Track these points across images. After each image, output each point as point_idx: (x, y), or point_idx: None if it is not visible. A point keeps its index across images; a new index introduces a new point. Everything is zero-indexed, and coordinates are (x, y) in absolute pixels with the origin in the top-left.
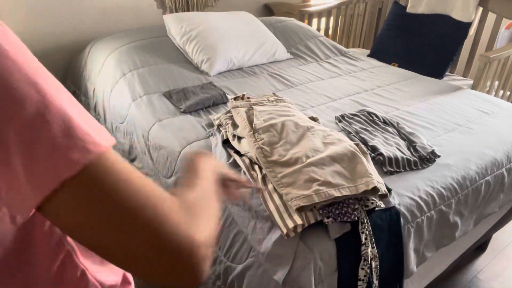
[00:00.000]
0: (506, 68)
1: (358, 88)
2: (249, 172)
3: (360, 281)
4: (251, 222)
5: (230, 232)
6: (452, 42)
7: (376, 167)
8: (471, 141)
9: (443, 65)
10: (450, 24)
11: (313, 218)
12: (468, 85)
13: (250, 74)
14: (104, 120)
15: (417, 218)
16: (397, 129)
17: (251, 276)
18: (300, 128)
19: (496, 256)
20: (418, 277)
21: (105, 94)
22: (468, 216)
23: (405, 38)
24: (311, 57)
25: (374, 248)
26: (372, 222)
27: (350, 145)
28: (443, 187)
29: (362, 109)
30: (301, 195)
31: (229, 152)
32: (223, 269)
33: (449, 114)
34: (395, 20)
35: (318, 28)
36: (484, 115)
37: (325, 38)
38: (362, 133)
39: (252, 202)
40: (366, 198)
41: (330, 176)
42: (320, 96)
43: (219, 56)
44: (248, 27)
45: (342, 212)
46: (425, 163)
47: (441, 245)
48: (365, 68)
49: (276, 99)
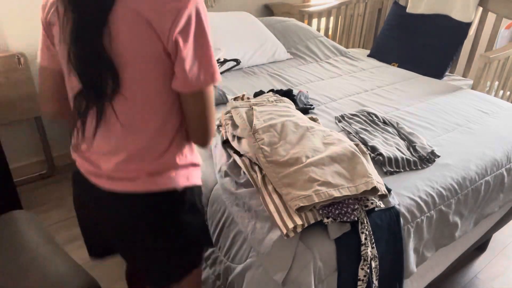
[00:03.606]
0: (506, 68)
1: (358, 88)
2: (249, 172)
3: (360, 281)
4: (251, 222)
5: (230, 232)
6: (452, 42)
7: (376, 167)
8: (471, 141)
9: (443, 65)
10: (450, 24)
11: (312, 218)
12: (468, 85)
13: (250, 74)
14: None
15: (417, 218)
16: (396, 129)
17: (251, 276)
18: (300, 129)
19: (496, 256)
20: (418, 277)
21: None
22: (468, 216)
23: (405, 38)
24: (311, 57)
25: (374, 248)
26: (372, 222)
27: (350, 145)
28: (443, 187)
29: (362, 109)
30: (301, 195)
31: (229, 152)
32: (223, 269)
33: (449, 114)
34: (395, 20)
35: (318, 28)
36: (484, 115)
37: (325, 38)
38: (362, 133)
39: (252, 202)
40: (366, 198)
41: (330, 176)
42: (320, 96)
43: (219, 56)
44: (248, 28)
45: (341, 212)
46: (425, 163)
47: (441, 245)
48: (365, 68)
49: (276, 99)
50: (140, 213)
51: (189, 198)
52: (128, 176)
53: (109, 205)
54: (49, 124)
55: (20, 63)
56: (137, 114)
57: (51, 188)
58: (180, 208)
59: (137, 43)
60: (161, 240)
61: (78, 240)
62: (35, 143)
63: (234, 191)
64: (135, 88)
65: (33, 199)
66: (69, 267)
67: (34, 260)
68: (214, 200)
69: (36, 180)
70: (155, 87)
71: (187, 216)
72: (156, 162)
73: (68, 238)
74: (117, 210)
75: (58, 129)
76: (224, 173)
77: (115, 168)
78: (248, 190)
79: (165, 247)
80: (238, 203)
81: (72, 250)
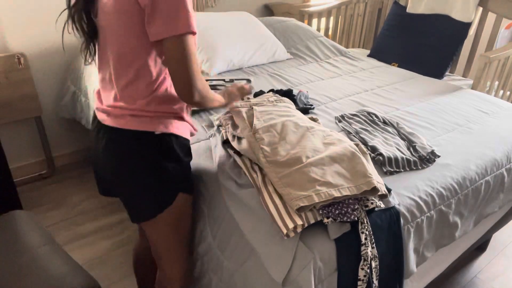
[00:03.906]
0: (506, 68)
1: (358, 88)
2: (249, 172)
3: (360, 281)
4: (251, 222)
5: (230, 232)
6: (452, 42)
7: (376, 167)
8: (471, 141)
9: (443, 65)
10: (450, 24)
11: (313, 218)
12: (468, 85)
13: (250, 74)
14: None
15: (417, 218)
16: (397, 129)
17: (251, 276)
18: (300, 128)
19: (496, 256)
20: (418, 277)
21: None
22: (468, 216)
23: (405, 38)
24: (311, 57)
25: (374, 248)
26: (372, 222)
27: (350, 145)
28: (443, 187)
29: (362, 109)
30: (301, 196)
31: (229, 152)
32: (222, 269)
33: (449, 114)
34: (395, 20)
35: (318, 28)
36: (484, 115)
37: (325, 38)
38: (362, 133)
39: (252, 202)
40: (366, 198)
41: (330, 176)
42: (320, 96)
43: (219, 56)
44: (248, 28)
45: (342, 212)
46: (425, 163)
47: (441, 245)
48: (365, 68)
49: (276, 99)
50: (122, 146)
51: (166, 143)
52: (117, 114)
53: (102, 136)
54: (49, 124)
55: (20, 63)
56: (118, 59)
57: (51, 188)
58: (155, 150)
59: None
60: (136, 176)
61: (78, 240)
62: (35, 143)
63: (234, 191)
64: (113, 38)
65: (33, 199)
66: (69, 267)
67: (34, 260)
68: (214, 199)
69: (36, 180)
70: (128, 36)
71: (162, 159)
72: (135, 105)
73: (68, 238)
74: (107, 142)
75: (58, 129)
76: (224, 173)
77: (111, 104)
78: (248, 190)
79: (138, 183)
80: (238, 203)
81: (72, 250)
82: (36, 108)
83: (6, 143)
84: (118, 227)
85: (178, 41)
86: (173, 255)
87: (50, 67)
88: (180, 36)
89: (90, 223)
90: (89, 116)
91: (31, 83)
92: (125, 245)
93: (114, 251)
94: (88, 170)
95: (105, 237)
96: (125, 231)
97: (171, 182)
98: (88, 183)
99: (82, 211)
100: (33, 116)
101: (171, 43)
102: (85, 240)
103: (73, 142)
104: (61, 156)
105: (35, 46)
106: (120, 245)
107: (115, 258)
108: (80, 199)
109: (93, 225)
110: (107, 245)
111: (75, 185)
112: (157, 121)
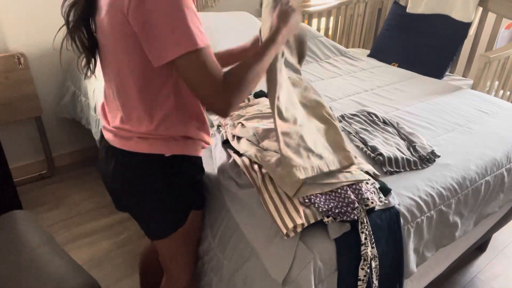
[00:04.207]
0: (506, 68)
1: (358, 88)
2: (249, 172)
3: (360, 281)
4: (251, 222)
5: (230, 232)
6: (452, 42)
7: (376, 167)
8: (471, 141)
9: (443, 65)
10: (450, 24)
11: (313, 218)
12: (468, 85)
13: None
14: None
15: (417, 218)
16: (397, 129)
17: (251, 276)
18: None
19: (496, 256)
20: (418, 277)
21: None
22: (468, 216)
23: (405, 38)
24: (311, 57)
25: (374, 248)
26: (372, 222)
27: (326, 112)
28: (443, 187)
29: (362, 109)
30: (298, 165)
31: (229, 152)
32: (222, 268)
33: (449, 114)
34: (395, 20)
35: (318, 28)
36: (484, 115)
37: (325, 38)
38: (362, 133)
39: (252, 202)
40: (366, 198)
41: (316, 146)
42: None
43: None
44: (248, 28)
45: (342, 211)
46: (425, 163)
47: (441, 245)
48: (365, 68)
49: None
50: (131, 169)
51: (177, 165)
52: (124, 135)
53: (110, 157)
54: (49, 124)
55: (20, 63)
56: (120, 81)
57: (51, 188)
58: (166, 173)
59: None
60: (147, 199)
61: (78, 240)
62: (35, 143)
63: (234, 191)
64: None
65: (33, 199)
66: (69, 267)
67: (34, 260)
68: (214, 199)
69: (36, 180)
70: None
71: (174, 181)
72: (142, 129)
73: (68, 238)
74: (115, 165)
75: (58, 129)
76: (224, 173)
77: (117, 126)
78: (248, 190)
79: (150, 206)
80: (238, 203)
81: (72, 250)
82: (36, 108)
83: (6, 143)
84: (118, 227)
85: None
86: (180, 263)
87: (50, 67)
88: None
89: (90, 223)
90: (89, 116)
91: (31, 83)
92: (125, 245)
93: (114, 251)
94: (88, 170)
95: (105, 237)
96: (125, 231)
97: (183, 204)
98: (88, 183)
99: (82, 211)
100: (33, 116)
101: (179, 64)
102: (85, 240)
103: (73, 142)
104: (61, 156)
105: (35, 46)
106: (120, 245)
107: (115, 258)
108: (80, 199)
109: (93, 225)
110: (107, 245)
111: (75, 185)
112: (167, 143)
